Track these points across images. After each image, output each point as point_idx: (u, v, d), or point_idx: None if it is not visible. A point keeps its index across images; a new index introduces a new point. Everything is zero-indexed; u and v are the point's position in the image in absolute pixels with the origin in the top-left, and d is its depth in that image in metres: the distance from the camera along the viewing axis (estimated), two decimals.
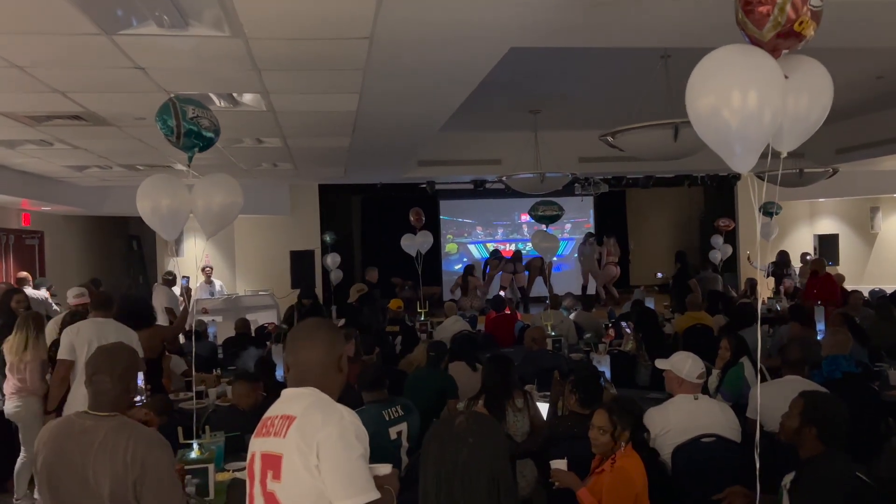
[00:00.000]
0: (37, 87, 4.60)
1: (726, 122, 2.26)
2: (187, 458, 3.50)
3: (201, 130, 3.83)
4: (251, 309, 10.74)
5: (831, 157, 10.04)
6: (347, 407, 2.05)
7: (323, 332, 2.14)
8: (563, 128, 9.65)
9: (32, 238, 10.37)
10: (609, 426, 3.09)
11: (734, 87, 2.24)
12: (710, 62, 2.31)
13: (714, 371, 5.01)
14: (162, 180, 4.05)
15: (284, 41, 3.87)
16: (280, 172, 9.90)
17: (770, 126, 2.28)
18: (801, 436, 2.84)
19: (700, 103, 2.32)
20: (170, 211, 3.92)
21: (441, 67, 4.68)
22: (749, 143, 2.32)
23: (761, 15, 2.19)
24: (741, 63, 2.26)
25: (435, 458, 1.68)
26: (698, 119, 2.35)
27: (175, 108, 3.78)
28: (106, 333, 4.76)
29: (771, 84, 2.24)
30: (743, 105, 2.23)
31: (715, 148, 2.39)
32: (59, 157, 7.52)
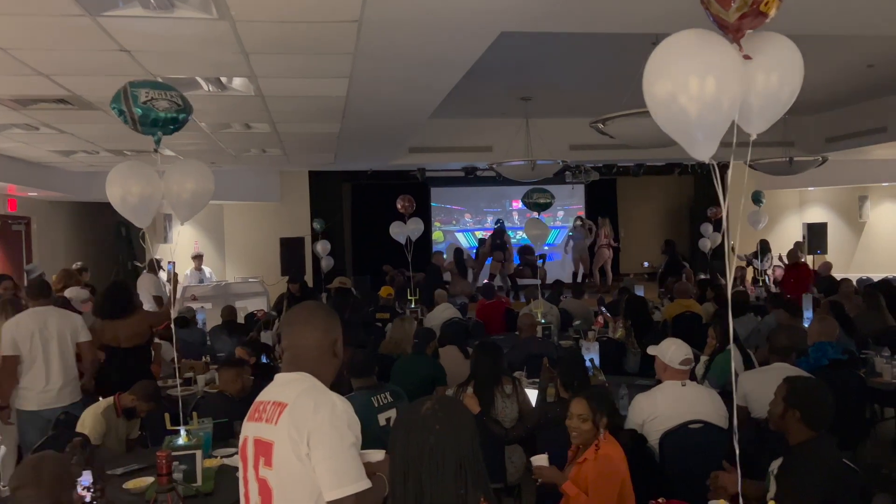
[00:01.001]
0: (21, 69, 4.53)
1: (684, 109, 2.22)
2: (174, 445, 3.49)
3: (158, 113, 3.69)
4: (240, 296, 10.71)
5: (821, 146, 10.08)
6: (339, 395, 2.03)
7: (318, 316, 2.12)
8: (554, 115, 9.63)
9: (19, 224, 10.27)
10: (589, 413, 3.09)
11: (691, 74, 2.19)
12: (667, 48, 2.27)
13: (702, 358, 5.03)
14: (132, 167, 3.99)
15: (272, 24, 3.82)
16: (269, 158, 9.83)
17: (729, 113, 2.24)
18: (785, 420, 2.86)
19: (656, 90, 2.27)
20: (141, 198, 3.84)
21: (431, 51, 4.64)
22: (708, 130, 2.28)
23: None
24: (698, 49, 2.22)
25: (402, 445, 1.67)
26: (655, 106, 2.31)
27: (126, 93, 3.66)
28: (48, 323, 4.74)
29: (728, 70, 2.19)
30: (701, 92, 2.18)
31: (674, 136, 2.36)
32: (46, 141, 7.44)
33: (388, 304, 8.54)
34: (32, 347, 4.68)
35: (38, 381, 4.68)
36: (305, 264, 12.37)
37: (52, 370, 4.70)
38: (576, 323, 7.32)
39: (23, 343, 4.65)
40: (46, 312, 4.81)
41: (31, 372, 4.68)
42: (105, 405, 4.18)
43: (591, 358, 5.04)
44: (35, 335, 4.69)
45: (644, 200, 16.31)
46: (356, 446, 1.95)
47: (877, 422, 5.59)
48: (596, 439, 3.08)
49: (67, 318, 4.87)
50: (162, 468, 3.20)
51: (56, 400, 4.70)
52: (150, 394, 4.28)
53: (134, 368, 4.90)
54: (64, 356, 4.75)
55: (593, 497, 2.96)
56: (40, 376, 4.68)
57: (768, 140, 9.84)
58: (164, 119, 3.74)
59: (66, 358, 4.77)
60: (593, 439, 3.08)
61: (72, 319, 4.89)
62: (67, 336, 4.79)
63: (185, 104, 3.85)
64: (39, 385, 4.68)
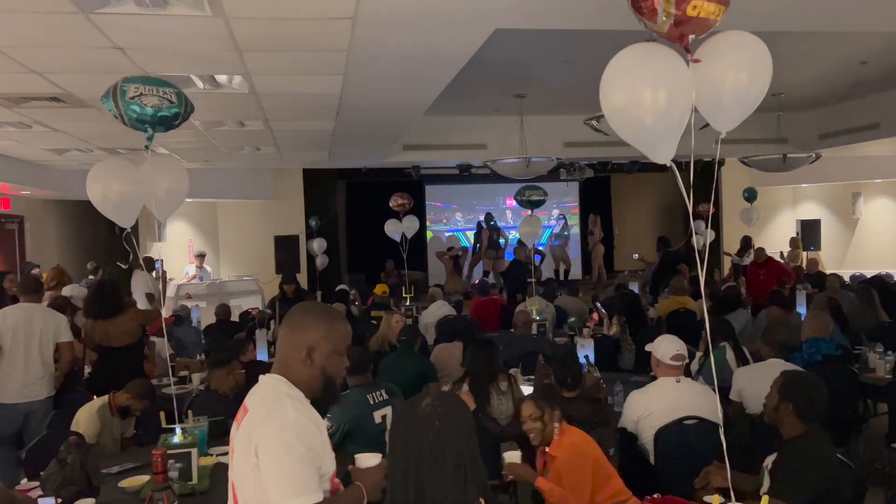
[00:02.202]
0: (13, 67, 4.50)
1: (640, 119, 2.31)
2: (170, 443, 3.48)
3: (146, 109, 3.64)
4: (235, 294, 10.70)
5: (814, 143, 10.11)
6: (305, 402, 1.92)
7: (299, 319, 2.00)
8: (548, 112, 9.63)
9: (12, 223, 10.23)
10: (537, 412, 3.14)
11: (644, 86, 2.29)
12: (618, 62, 2.37)
13: (697, 354, 5.05)
14: (113, 164, 3.97)
15: (266, 21, 3.81)
16: (263, 156, 9.81)
17: (681, 119, 2.32)
18: (779, 413, 2.88)
19: (613, 101, 2.38)
20: (122, 196, 3.82)
21: (426, 48, 4.63)
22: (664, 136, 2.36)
23: (649, 10, 2.24)
24: (645, 63, 2.31)
25: (401, 441, 1.67)
26: (613, 116, 2.39)
27: (115, 89, 3.62)
28: (33, 320, 4.86)
29: (676, 80, 2.28)
30: (653, 103, 2.28)
31: (631, 142, 2.43)
32: (39, 140, 7.40)
33: (384, 302, 8.53)
34: (14, 341, 4.80)
35: (15, 374, 4.80)
36: (300, 262, 12.35)
37: (30, 365, 4.82)
38: (570, 320, 7.33)
39: (4, 335, 4.79)
40: (33, 309, 4.93)
41: (10, 364, 4.79)
42: (100, 404, 4.17)
43: (587, 355, 5.05)
44: (18, 329, 4.82)
45: (638, 197, 16.33)
46: (306, 458, 1.84)
47: (870, 417, 5.61)
48: (552, 435, 3.13)
49: (52, 317, 4.99)
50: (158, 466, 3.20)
51: (31, 394, 4.82)
52: (144, 392, 4.28)
53: (127, 367, 4.90)
54: (43, 353, 4.89)
55: (569, 486, 3.00)
56: (19, 370, 4.80)
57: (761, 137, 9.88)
58: (152, 116, 3.68)
59: (45, 355, 4.90)
60: (550, 435, 3.13)
61: (56, 319, 4.99)
62: (50, 334, 4.91)
63: (179, 101, 3.78)
64: (17, 378, 4.80)
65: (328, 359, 1.97)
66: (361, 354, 4.25)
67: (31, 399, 4.80)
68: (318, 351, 1.95)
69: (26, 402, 4.78)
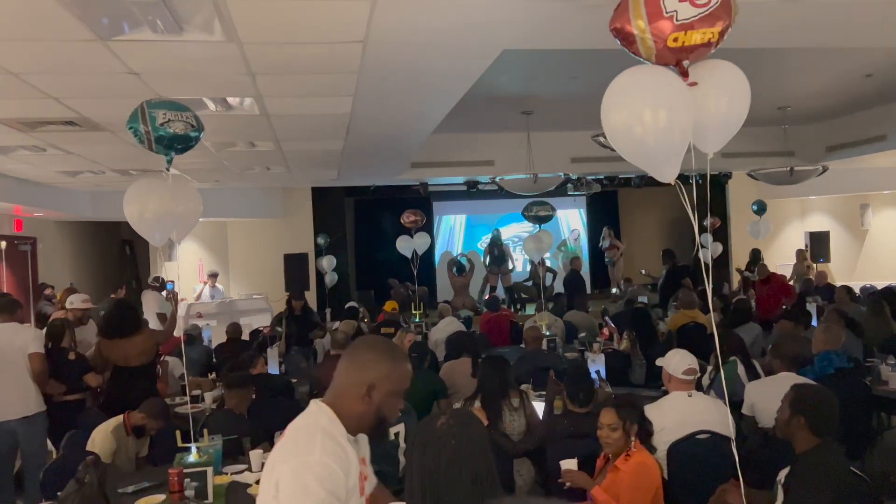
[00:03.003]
0: (31, 93, 4.60)
1: (641, 138, 2.37)
2: (186, 462, 3.51)
3: (175, 133, 3.77)
4: (245, 313, 10.75)
5: (821, 155, 10.12)
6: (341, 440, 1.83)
7: (363, 352, 1.94)
8: (555, 128, 9.69)
9: (25, 244, 10.34)
10: (619, 422, 3.11)
11: (645, 107, 2.36)
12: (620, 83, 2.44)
13: (708, 368, 5.05)
14: (150, 184, 4.04)
15: (279, 45, 3.89)
16: (273, 176, 9.91)
17: (682, 138, 2.36)
18: (790, 426, 2.88)
19: (614, 121, 2.44)
20: (157, 215, 3.87)
21: (434, 70, 4.70)
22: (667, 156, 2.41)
23: (631, 45, 2.31)
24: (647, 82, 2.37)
25: (419, 462, 1.69)
26: (615, 136, 2.43)
27: (144, 114, 3.73)
28: (3, 338, 4.91)
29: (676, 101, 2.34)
30: (654, 123, 2.34)
31: (633, 161, 2.47)
32: (53, 162, 7.50)
33: (394, 319, 8.56)
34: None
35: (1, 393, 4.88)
36: (309, 280, 12.40)
37: (10, 383, 4.87)
38: (581, 335, 7.34)
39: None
40: (6, 328, 4.98)
41: None
42: (115, 423, 4.20)
43: (598, 370, 5.06)
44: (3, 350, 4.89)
45: (646, 212, 16.35)
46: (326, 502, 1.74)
47: (883, 430, 5.58)
48: (627, 448, 3.10)
49: (22, 332, 5.03)
50: (174, 485, 3.24)
51: (16, 412, 4.87)
52: (159, 412, 4.30)
53: (142, 386, 4.94)
54: (20, 370, 4.92)
55: (626, 503, 2.97)
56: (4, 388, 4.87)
57: (768, 150, 9.91)
58: (180, 139, 3.82)
59: (22, 371, 4.92)
60: (624, 448, 3.11)
61: (24, 333, 5.04)
62: (20, 350, 4.93)
63: (198, 124, 3.93)
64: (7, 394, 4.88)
65: (386, 399, 1.90)
66: None
67: (16, 417, 4.86)
68: (377, 390, 1.88)
69: (12, 419, 4.85)
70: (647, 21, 2.25)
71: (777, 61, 6.56)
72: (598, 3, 3.45)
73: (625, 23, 2.32)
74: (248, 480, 3.64)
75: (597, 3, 3.45)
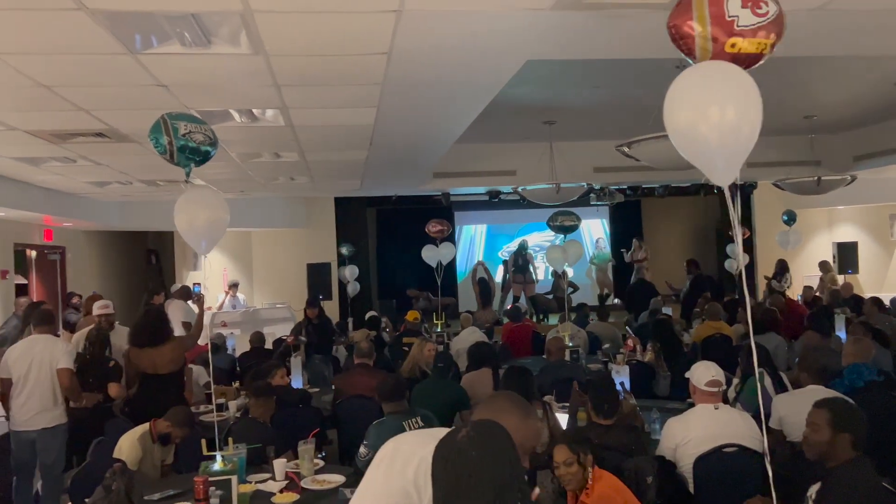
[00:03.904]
0: (62, 105, 4.69)
1: (705, 137, 2.31)
2: (211, 471, 3.54)
3: (195, 145, 3.85)
4: (269, 321, 10.83)
5: (849, 164, 9.98)
6: None
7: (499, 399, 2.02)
8: (578, 138, 9.67)
9: (54, 253, 10.53)
10: (572, 457, 3.06)
11: (712, 103, 2.31)
12: (686, 79, 2.38)
13: (734, 381, 4.99)
14: (200, 194, 4.11)
15: (305, 57, 3.93)
16: (297, 186, 10.00)
17: (749, 140, 2.31)
18: (836, 446, 2.80)
19: (678, 118, 2.38)
20: (207, 223, 3.93)
21: (458, 81, 4.73)
22: (729, 157, 2.36)
23: (686, 45, 2.29)
24: (716, 79, 2.33)
25: (440, 473, 1.67)
26: (676, 133, 2.40)
27: (166, 125, 3.81)
28: (34, 349, 5.01)
29: (747, 98, 2.30)
30: (721, 120, 2.28)
31: (695, 162, 2.44)
32: (82, 173, 7.65)
33: (416, 329, 8.57)
34: (21, 371, 4.98)
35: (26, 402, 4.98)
36: (332, 289, 12.47)
37: (36, 394, 4.97)
38: (605, 346, 7.29)
39: (14, 366, 4.98)
40: (38, 340, 5.10)
41: (20, 394, 4.98)
42: (141, 431, 4.25)
43: (622, 381, 5.01)
44: (24, 360, 5.00)
45: (670, 222, 16.23)
46: None
47: None
48: (586, 481, 3.06)
49: (51, 345, 5.11)
50: (199, 493, 3.27)
51: (38, 422, 4.97)
52: (184, 420, 4.34)
53: (170, 394, 5.00)
54: (44, 382, 5.00)
55: None
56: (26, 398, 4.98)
57: (795, 159, 9.79)
58: (200, 151, 3.88)
59: (47, 384, 5.01)
60: (584, 482, 3.06)
61: (54, 347, 5.11)
62: (47, 363, 5.01)
63: (214, 138, 4.01)
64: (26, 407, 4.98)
65: None
66: (398, 382, 4.29)
67: (37, 427, 4.95)
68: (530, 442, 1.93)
69: (34, 429, 4.94)
70: (708, 22, 2.26)
71: (804, 70, 6.49)
72: (622, 14, 3.46)
73: (684, 21, 2.32)
74: (272, 489, 3.66)
75: (621, 14, 3.46)
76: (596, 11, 3.39)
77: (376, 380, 4.84)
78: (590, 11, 3.39)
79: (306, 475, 3.78)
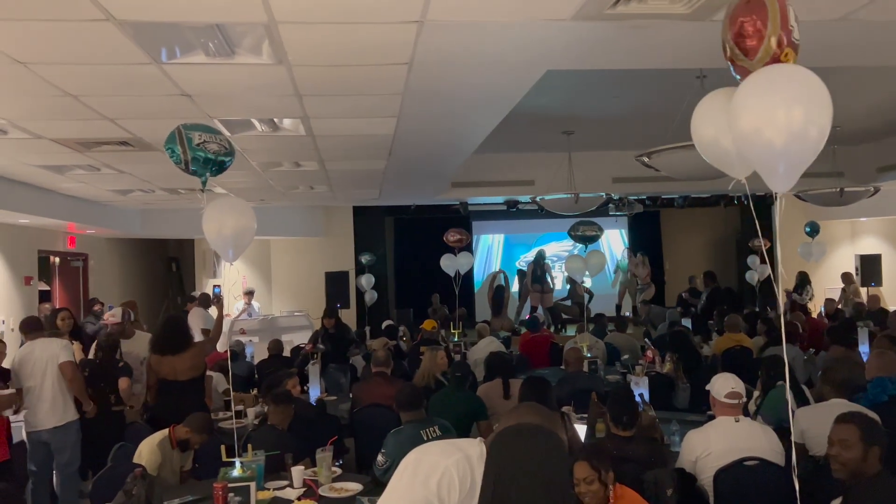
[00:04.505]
0: (88, 114, 4.77)
1: (770, 141, 2.29)
2: (230, 477, 3.56)
3: (209, 156, 3.89)
4: (287, 329, 10.89)
5: (872, 176, 9.86)
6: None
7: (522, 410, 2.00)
8: (596, 148, 9.66)
9: (77, 260, 10.68)
10: (593, 474, 3.00)
11: (779, 107, 2.28)
12: (754, 81, 2.35)
13: (755, 393, 4.94)
14: (229, 202, 4.15)
15: (327, 68, 3.97)
16: (316, 195, 10.06)
17: (817, 144, 2.30)
18: (866, 461, 2.76)
19: (743, 122, 2.35)
20: (235, 231, 3.96)
21: (478, 91, 4.74)
22: (793, 161, 2.34)
23: (751, 44, 2.27)
24: (786, 81, 2.30)
25: (494, 462, 1.70)
26: (742, 138, 2.38)
27: (181, 136, 3.86)
28: (33, 353, 5.15)
29: (817, 101, 2.28)
30: (788, 123, 2.26)
31: (758, 167, 2.42)
32: (105, 181, 7.76)
33: (432, 338, 8.57)
34: (26, 376, 5.12)
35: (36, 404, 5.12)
36: (349, 298, 12.52)
37: (44, 394, 5.11)
38: (624, 357, 7.24)
39: (21, 374, 5.12)
40: (32, 345, 5.23)
41: (30, 396, 5.11)
42: (160, 437, 4.29)
43: (641, 393, 4.98)
44: (26, 365, 5.14)
45: (689, 232, 16.11)
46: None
47: None
48: (607, 499, 3.00)
49: (48, 346, 5.23)
50: (218, 499, 3.29)
51: (48, 421, 5.11)
52: (203, 426, 4.38)
53: (190, 400, 5.04)
54: (48, 381, 5.13)
55: None
56: (35, 400, 5.11)
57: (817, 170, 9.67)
58: (215, 161, 3.93)
59: (52, 382, 5.13)
60: (605, 499, 3.00)
61: (51, 345, 5.23)
62: (47, 361, 5.14)
63: (230, 148, 4.06)
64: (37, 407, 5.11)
65: None
66: (415, 390, 4.29)
67: (48, 427, 5.09)
68: None
69: (45, 429, 5.08)
70: (779, 26, 2.26)
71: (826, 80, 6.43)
72: (643, 24, 3.46)
73: (759, 19, 2.29)
74: (290, 496, 3.67)
75: (642, 24, 3.46)
76: (616, 22, 3.40)
77: (393, 388, 4.85)
78: (610, 22, 3.39)
79: (324, 483, 3.79)
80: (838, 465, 2.87)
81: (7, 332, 8.10)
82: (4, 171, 6.90)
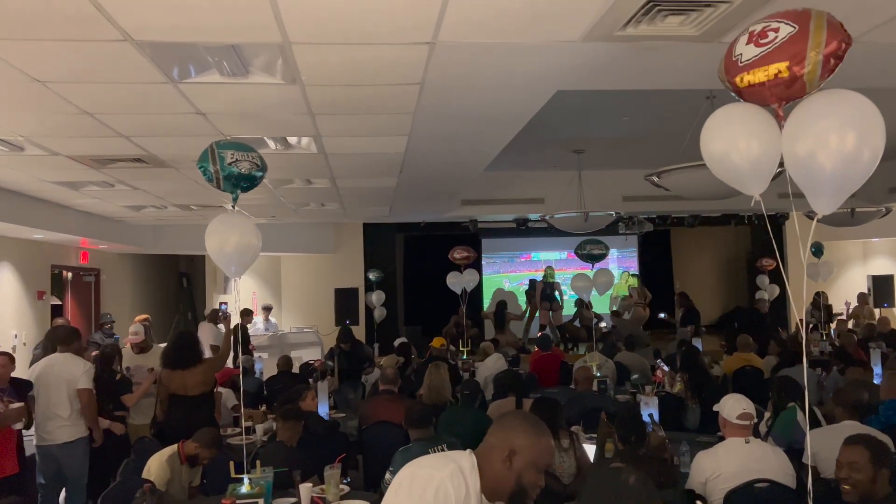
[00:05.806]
0: (103, 131, 4.84)
1: (821, 165, 2.32)
2: (238, 493, 3.56)
3: (241, 173, 3.94)
4: (296, 346, 10.90)
5: (884, 196, 9.82)
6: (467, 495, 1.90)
7: (510, 419, 2.07)
8: (606, 167, 9.68)
9: (89, 275, 10.76)
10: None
11: (832, 131, 2.33)
12: (808, 107, 2.38)
13: (765, 415, 4.90)
14: (231, 218, 4.18)
15: (339, 88, 4.02)
16: (327, 212, 10.12)
17: (869, 167, 2.31)
18: (876, 483, 2.73)
19: (798, 147, 2.38)
20: (237, 248, 3.98)
21: (488, 111, 4.79)
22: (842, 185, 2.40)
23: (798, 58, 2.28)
24: (840, 106, 2.34)
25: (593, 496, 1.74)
26: (796, 162, 2.40)
27: (213, 154, 3.91)
28: (53, 367, 5.23)
29: (870, 126, 2.36)
30: (840, 147, 2.29)
31: (806, 189, 2.43)
32: (119, 197, 7.84)
33: (441, 355, 8.55)
34: (40, 387, 5.19)
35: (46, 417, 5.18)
36: (359, 314, 12.53)
37: (55, 409, 5.16)
38: (634, 377, 7.20)
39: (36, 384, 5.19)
40: (56, 357, 5.32)
41: (42, 409, 5.17)
42: (169, 452, 4.30)
43: (650, 413, 4.95)
44: (42, 377, 5.22)
45: (700, 252, 16.06)
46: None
47: None
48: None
49: (70, 365, 5.27)
50: None
51: (58, 436, 5.16)
52: (212, 441, 4.38)
53: (201, 415, 5.06)
54: (60, 398, 5.18)
55: None
56: (47, 413, 5.17)
57: None
58: (247, 178, 3.97)
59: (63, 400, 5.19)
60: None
61: (72, 367, 5.27)
62: (65, 381, 5.20)
63: (262, 164, 4.09)
64: (47, 421, 5.17)
65: (526, 468, 1.96)
66: (425, 408, 4.29)
67: (57, 442, 5.15)
68: (519, 456, 1.96)
69: (55, 444, 5.14)
70: (824, 47, 2.24)
71: None
72: (653, 45, 3.49)
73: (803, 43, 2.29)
74: None
75: (652, 45, 3.49)
76: (626, 43, 3.43)
77: (401, 406, 4.85)
78: (620, 43, 3.43)
79: (332, 500, 3.79)
80: (850, 489, 2.83)
81: (20, 346, 8.16)
82: (20, 187, 6.99)
